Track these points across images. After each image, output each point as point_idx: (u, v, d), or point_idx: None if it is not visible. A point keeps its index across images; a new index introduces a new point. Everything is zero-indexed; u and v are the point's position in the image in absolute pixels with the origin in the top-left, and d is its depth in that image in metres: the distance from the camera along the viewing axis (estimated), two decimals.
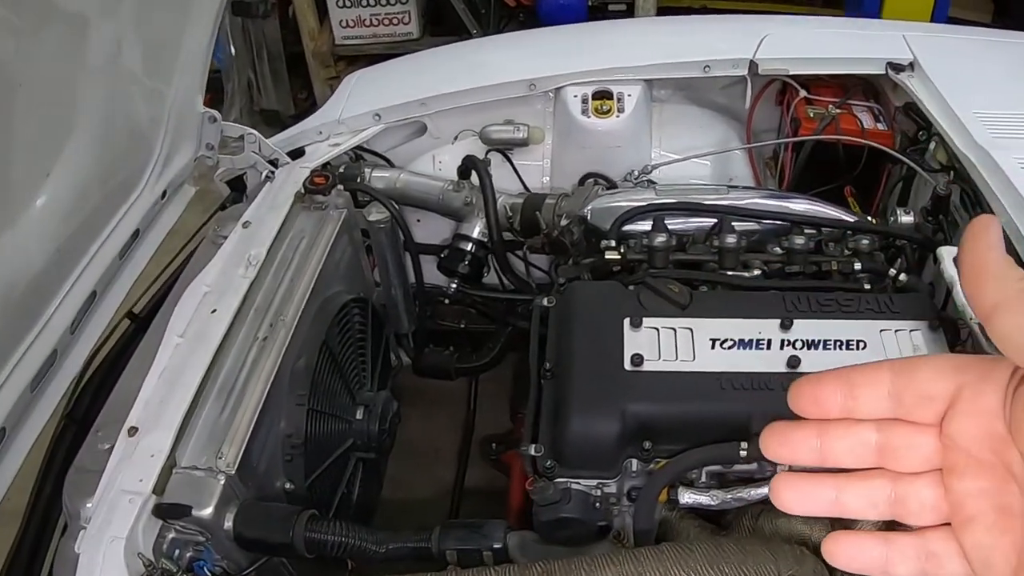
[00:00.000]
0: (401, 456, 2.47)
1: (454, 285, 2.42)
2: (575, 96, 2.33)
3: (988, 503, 0.53)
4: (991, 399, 0.53)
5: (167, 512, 1.48)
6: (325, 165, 2.35)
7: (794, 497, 0.60)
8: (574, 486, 1.56)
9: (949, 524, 0.56)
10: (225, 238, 2.04)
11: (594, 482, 1.57)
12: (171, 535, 1.51)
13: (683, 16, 2.88)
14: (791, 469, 0.62)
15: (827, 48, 2.34)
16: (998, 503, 0.53)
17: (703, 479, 1.59)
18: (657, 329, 1.66)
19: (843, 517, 0.60)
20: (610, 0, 4.49)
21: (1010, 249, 1.72)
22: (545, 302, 1.88)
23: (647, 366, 1.59)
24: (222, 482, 1.53)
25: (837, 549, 0.59)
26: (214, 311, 1.83)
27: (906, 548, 0.57)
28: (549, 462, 1.55)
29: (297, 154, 2.40)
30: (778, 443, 0.61)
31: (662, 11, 4.43)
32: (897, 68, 2.26)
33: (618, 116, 2.31)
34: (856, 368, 0.58)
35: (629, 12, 4.43)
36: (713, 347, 1.62)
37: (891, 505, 0.58)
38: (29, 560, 1.69)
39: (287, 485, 1.76)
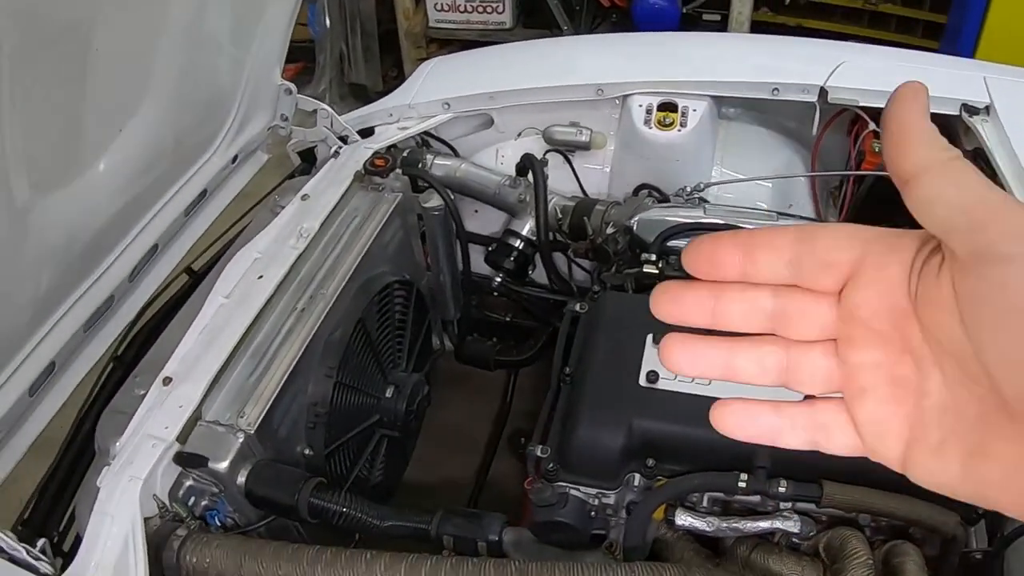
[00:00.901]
0: (432, 438, 2.53)
1: (499, 278, 2.46)
2: (640, 105, 2.35)
3: (882, 375, 0.52)
4: (895, 271, 0.51)
5: (186, 460, 1.57)
6: (391, 147, 2.42)
7: (685, 358, 0.57)
8: (573, 492, 1.60)
9: (840, 396, 0.55)
10: (283, 208, 2.12)
11: (594, 491, 1.61)
12: (188, 483, 1.59)
13: (761, 36, 2.85)
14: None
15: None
16: (892, 375, 0.52)
17: (704, 504, 1.61)
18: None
19: (733, 380, 0.58)
20: (705, 10, 4.48)
21: None
22: (577, 307, 1.92)
23: (661, 384, 1.62)
24: (240, 439, 1.62)
25: (725, 415, 0.58)
26: (260, 277, 1.91)
27: (796, 417, 0.57)
28: (552, 465, 1.59)
29: (367, 133, 2.46)
30: (670, 301, 0.57)
31: (756, 26, 4.41)
32: (972, 111, 2.20)
33: (680, 130, 2.31)
34: (757, 231, 0.55)
35: (723, 24, 4.42)
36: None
37: (782, 372, 0.56)
38: (59, 489, 1.79)
39: (306, 451, 1.84)
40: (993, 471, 0.48)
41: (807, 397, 0.57)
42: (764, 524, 1.55)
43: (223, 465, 1.59)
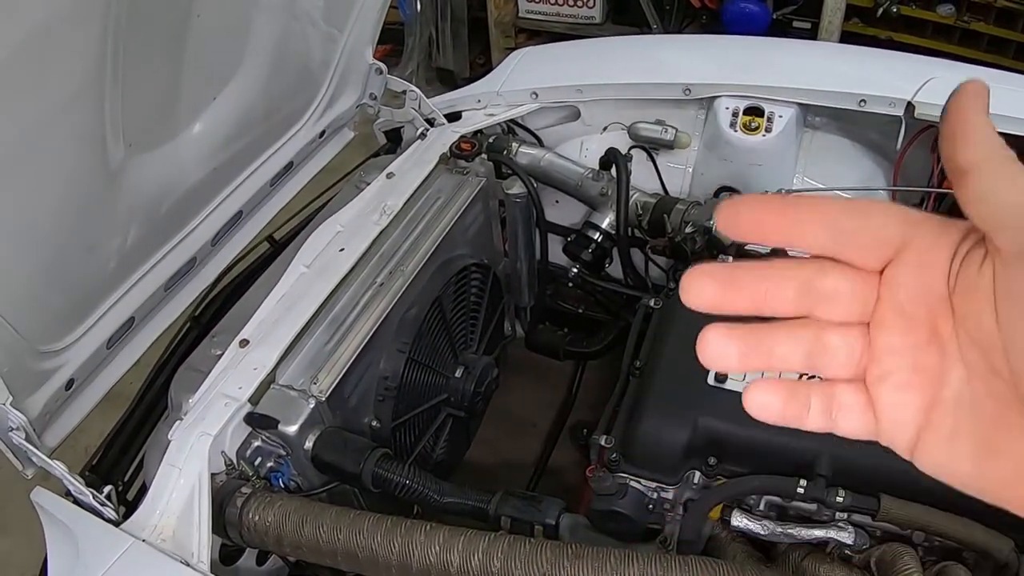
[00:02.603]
0: (496, 421, 2.57)
1: (575, 269, 2.48)
2: (726, 108, 2.34)
3: (907, 361, 0.52)
4: (939, 256, 0.51)
5: (256, 421, 1.61)
6: (477, 133, 2.45)
7: (733, 353, 0.56)
8: (633, 484, 1.62)
9: (861, 381, 0.54)
10: (368, 184, 2.16)
11: (653, 485, 1.62)
12: (256, 443, 1.64)
13: (850, 47, 2.80)
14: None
15: (992, 103, 2.27)
16: (916, 362, 0.52)
17: (761, 507, 1.61)
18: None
19: (774, 371, 0.56)
20: (795, 17, 4.43)
21: None
22: (652, 303, 1.92)
23: (729, 384, 1.62)
24: (312, 405, 1.66)
25: (752, 397, 0.57)
26: (342, 250, 1.95)
27: (817, 398, 0.56)
28: (615, 455, 1.61)
29: (454, 117, 2.50)
30: (701, 283, 0.54)
31: (846, 36, 4.35)
32: None
33: (764, 135, 2.30)
34: (805, 196, 0.55)
35: (813, 32, 4.37)
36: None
37: (812, 357, 0.55)
38: (127, 441, 1.85)
39: (374, 422, 1.88)
40: (1004, 468, 0.49)
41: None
42: (818, 532, 1.55)
43: (292, 429, 1.63)
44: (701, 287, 0.54)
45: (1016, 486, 0.49)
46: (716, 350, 0.56)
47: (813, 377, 0.56)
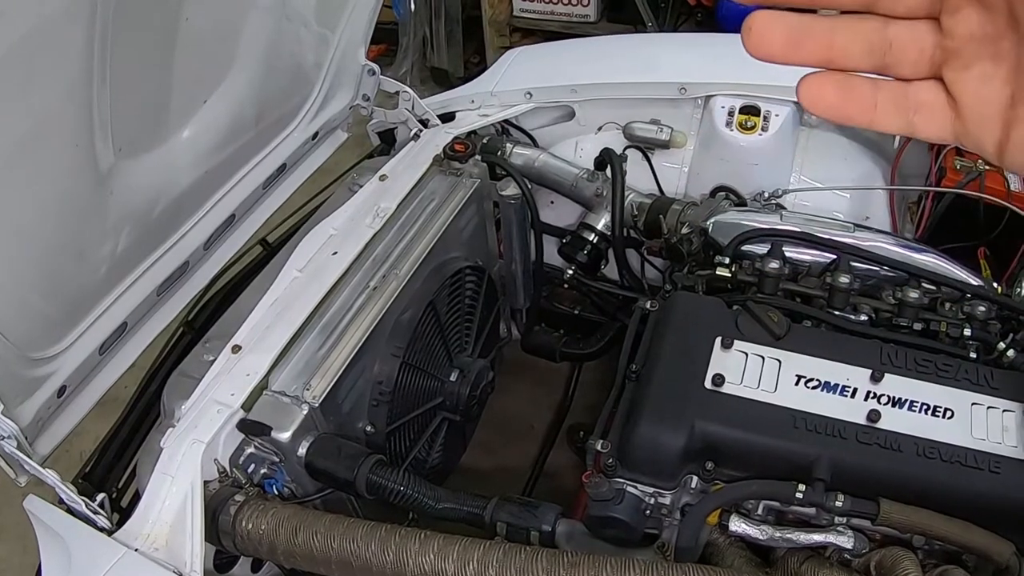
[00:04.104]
0: (492, 424, 2.55)
1: (571, 271, 2.46)
2: (722, 107, 2.33)
3: (986, 50, 0.49)
4: None
5: (249, 428, 1.60)
6: (471, 134, 2.43)
7: (780, 34, 0.52)
8: (629, 489, 1.60)
9: (937, 79, 0.52)
10: (361, 187, 2.15)
11: (650, 490, 1.61)
12: (249, 450, 1.63)
13: None
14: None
15: None
16: (996, 50, 0.49)
17: (759, 512, 1.60)
18: (746, 354, 1.67)
19: (832, 65, 0.53)
20: None
21: None
22: (648, 305, 1.91)
23: (726, 388, 1.61)
24: (304, 411, 1.65)
25: (819, 88, 0.53)
26: (335, 253, 1.94)
27: (894, 94, 0.53)
28: (611, 460, 1.59)
29: (448, 118, 2.48)
30: (764, 21, 0.52)
31: None
32: None
33: (761, 134, 2.29)
34: None
35: None
36: (797, 383, 1.62)
37: (883, 54, 0.52)
38: (121, 447, 1.84)
39: (368, 428, 1.86)
40: None
41: None
42: (817, 537, 1.54)
43: (286, 435, 1.62)
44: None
45: None
46: (762, 29, 0.52)
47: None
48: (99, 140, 1.56)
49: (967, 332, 1.78)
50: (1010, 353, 1.76)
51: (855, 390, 1.61)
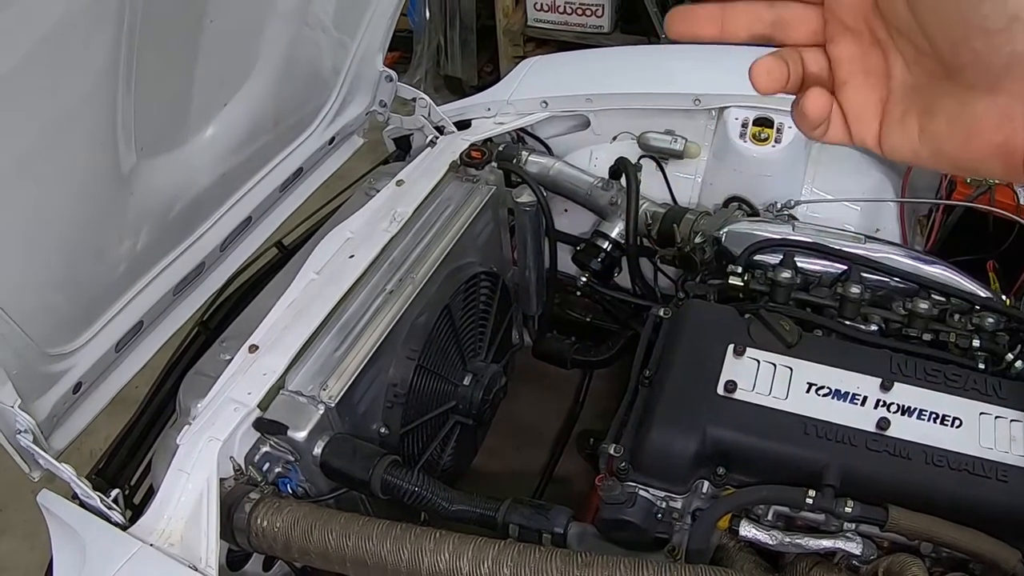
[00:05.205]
0: (503, 429, 2.57)
1: (584, 278, 2.47)
2: (736, 118, 2.34)
3: (858, 67, 0.64)
4: None
5: (265, 427, 1.61)
6: (487, 141, 2.45)
7: (685, 23, 0.66)
8: (641, 492, 1.61)
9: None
10: (378, 191, 2.17)
11: (662, 494, 1.62)
12: (264, 449, 1.64)
13: None
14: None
15: None
16: (865, 66, 0.64)
17: (769, 517, 1.61)
18: (758, 361, 1.69)
19: (727, 39, 0.66)
20: None
21: None
22: (661, 313, 1.93)
23: (738, 395, 1.62)
24: (321, 411, 1.66)
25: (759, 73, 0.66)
26: (352, 257, 1.96)
27: (814, 101, 0.65)
28: (624, 464, 1.61)
29: (463, 125, 2.50)
30: (681, 20, 0.66)
31: None
32: None
33: (774, 146, 2.31)
34: None
35: None
36: (808, 391, 1.64)
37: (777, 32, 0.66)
38: (135, 444, 1.85)
39: (382, 429, 1.88)
40: (940, 124, 0.60)
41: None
42: (826, 543, 1.55)
43: (301, 435, 1.64)
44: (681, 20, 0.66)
45: (952, 137, 0.60)
46: (680, 23, 0.66)
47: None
48: (121, 140, 1.57)
49: (976, 343, 1.80)
50: (1018, 364, 1.77)
51: (865, 398, 1.63)
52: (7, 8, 1.17)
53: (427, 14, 4.87)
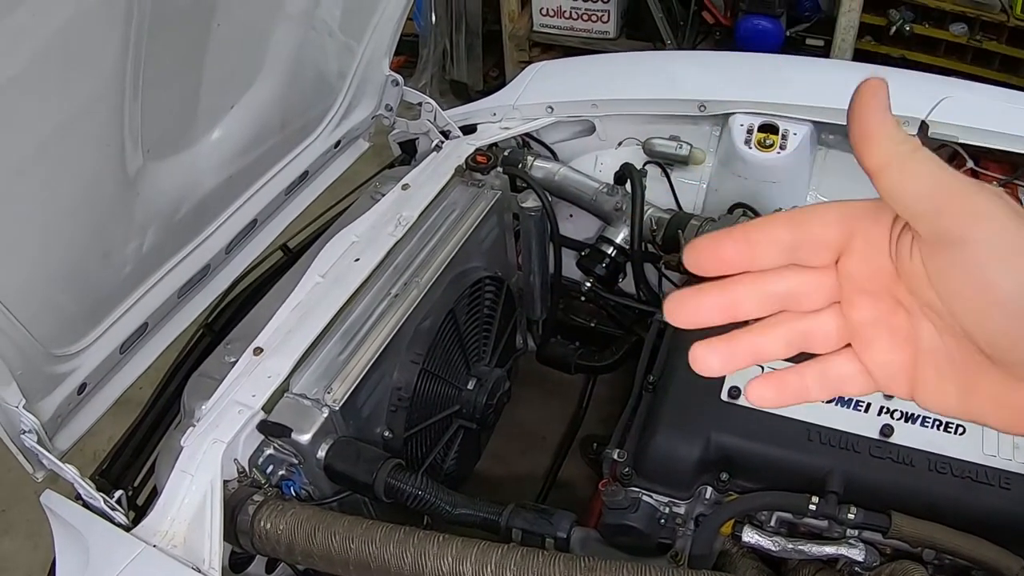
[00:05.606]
0: (507, 434, 2.57)
1: (588, 283, 2.48)
2: (741, 125, 2.34)
3: (882, 328, 0.59)
4: (880, 240, 0.58)
5: (269, 429, 1.62)
6: (492, 146, 2.46)
7: (717, 360, 0.63)
8: (645, 498, 1.62)
9: (850, 346, 0.61)
10: (383, 195, 2.17)
11: (665, 499, 1.62)
12: (268, 451, 1.65)
13: (864, 64, 2.81)
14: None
15: (1004, 122, 2.27)
16: (890, 326, 0.59)
17: (772, 523, 1.61)
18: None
19: (761, 363, 0.63)
20: (808, 34, 4.44)
21: None
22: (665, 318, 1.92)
23: (742, 401, 1.61)
24: (325, 414, 1.66)
25: (758, 392, 0.65)
26: (357, 260, 1.96)
27: (817, 374, 0.63)
28: (627, 469, 1.61)
29: (469, 130, 2.50)
30: (685, 310, 0.62)
31: (859, 54, 4.34)
32: None
33: (779, 152, 2.30)
34: (751, 224, 0.60)
35: (826, 50, 4.37)
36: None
37: (800, 342, 0.62)
38: (139, 446, 1.86)
39: (386, 433, 1.88)
40: (983, 400, 0.57)
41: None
42: (829, 549, 1.55)
43: (306, 437, 1.64)
44: (685, 311, 0.62)
45: (995, 413, 0.57)
46: (701, 358, 0.64)
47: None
48: (128, 142, 1.58)
49: None
50: None
51: (868, 405, 1.63)
52: (14, 11, 1.17)
53: (433, 18, 4.88)
